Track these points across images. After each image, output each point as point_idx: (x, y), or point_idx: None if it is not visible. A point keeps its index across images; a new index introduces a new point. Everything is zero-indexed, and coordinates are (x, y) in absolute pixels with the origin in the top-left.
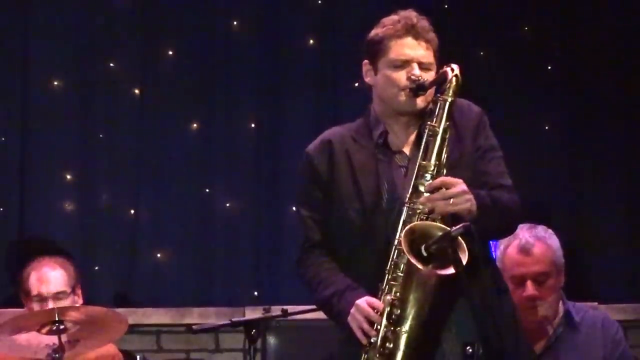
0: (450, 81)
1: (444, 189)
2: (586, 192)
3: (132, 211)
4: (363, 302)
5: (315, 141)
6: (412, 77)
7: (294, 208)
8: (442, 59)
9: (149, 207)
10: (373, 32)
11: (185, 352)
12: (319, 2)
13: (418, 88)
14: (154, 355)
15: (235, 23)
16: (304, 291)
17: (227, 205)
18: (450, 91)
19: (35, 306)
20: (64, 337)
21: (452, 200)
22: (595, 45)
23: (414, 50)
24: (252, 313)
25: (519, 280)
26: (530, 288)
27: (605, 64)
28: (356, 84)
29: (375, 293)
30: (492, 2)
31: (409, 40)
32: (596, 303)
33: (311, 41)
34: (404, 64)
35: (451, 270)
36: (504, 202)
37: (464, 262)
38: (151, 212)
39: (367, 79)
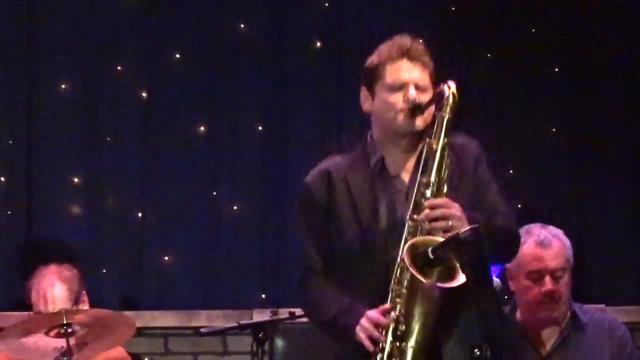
0: (447, 98)
1: (444, 209)
2: (593, 193)
3: (140, 214)
4: (372, 311)
5: (313, 171)
6: (409, 98)
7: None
8: (450, 60)
9: (156, 210)
10: (369, 60)
11: (193, 355)
12: (326, 4)
13: (415, 108)
14: (161, 358)
15: (242, 26)
16: None
17: (234, 208)
18: (448, 108)
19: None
20: (71, 340)
21: (450, 223)
22: (602, 46)
23: (410, 72)
24: (260, 315)
25: (537, 276)
26: (549, 283)
27: (613, 66)
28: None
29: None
30: (500, 4)
31: (404, 63)
32: (603, 305)
33: (318, 44)
34: (401, 86)
35: (454, 283)
36: (498, 225)
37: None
38: (158, 215)
39: (366, 106)
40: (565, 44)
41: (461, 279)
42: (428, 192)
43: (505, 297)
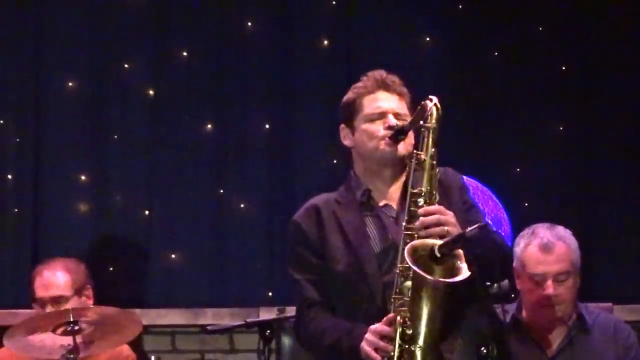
0: (431, 109)
1: (438, 215)
2: (600, 192)
3: (147, 212)
4: (376, 325)
5: (300, 210)
6: (390, 124)
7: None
8: (457, 59)
9: (163, 208)
10: (345, 98)
11: (200, 352)
12: (333, 2)
13: (398, 133)
14: (168, 356)
15: (249, 24)
16: None
17: (241, 206)
18: (433, 119)
19: (38, 310)
20: (78, 338)
21: (446, 228)
22: (609, 45)
23: (388, 102)
24: (267, 313)
25: (540, 279)
26: (550, 287)
27: (620, 64)
28: None
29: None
30: (507, 2)
31: (380, 94)
32: (610, 304)
33: (325, 42)
34: (380, 115)
35: (458, 278)
36: (496, 239)
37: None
38: (165, 213)
39: (346, 142)
40: (573, 43)
41: (465, 274)
42: (421, 201)
43: (512, 295)
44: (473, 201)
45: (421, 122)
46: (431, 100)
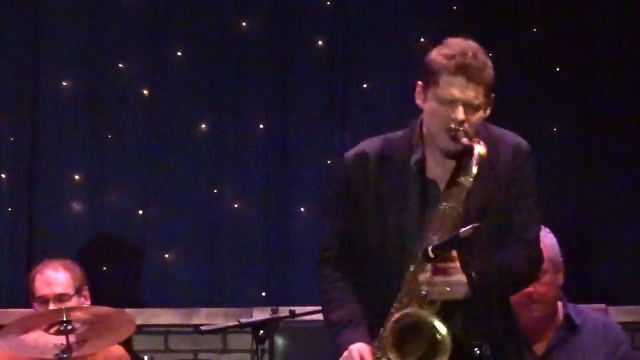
0: (472, 160)
1: (444, 277)
2: (595, 193)
3: (141, 212)
4: (356, 350)
5: (354, 149)
6: (457, 118)
7: (302, 209)
8: None
9: (157, 207)
10: (432, 56)
11: (193, 352)
12: (328, 3)
13: (457, 131)
14: (161, 356)
15: (244, 24)
16: (312, 292)
17: (236, 206)
18: (471, 171)
19: (39, 308)
20: (71, 338)
21: (449, 289)
22: (604, 46)
23: (463, 91)
24: (260, 314)
25: None
26: None
27: (615, 66)
28: (365, 85)
29: (382, 318)
30: (502, 3)
31: (459, 79)
32: (604, 305)
33: (320, 42)
34: (450, 102)
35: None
36: (514, 268)
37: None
38: (160, 212)
39: (418, 101)
40: (567, 44)
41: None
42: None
43: None
44: (526, 190)
45: (458, 174)
46: (479, 148)
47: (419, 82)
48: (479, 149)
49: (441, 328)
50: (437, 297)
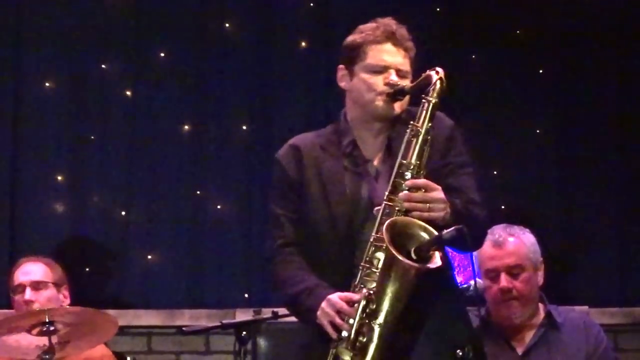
0: (435, 84)
1: (423, 191)
2: (577, 195)
3: (123, 213)
4: (335, 296)
5: (283, 147)
6: (390, 82)
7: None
8: (433, 61)
9: (140, 208)
10: (351, 38)
11: (176, 353)
12: (311, 4)
13: (397, 93)
14: (144, 357)
15: (227, 25)
16: None
17: (218, 207)
18: (435, 93)
19: (18, 298)
20: (54, 339)
21: (429, 205)
22: (588, 48)
23: (393, 56)
24: (243, 315)
25: (494, 274)
26: (504, 280)
27: (598, 68)
28: None
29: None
30: (484, 5)
31: (388, 46)
32: (586, 307)
33: (303, 43)
34: (382, 69)
35: (431, 265)
36: (475, 215)
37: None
38: (142, 213)
39: (342, 84)
40: (551, 46)
41: (437, 262)
42: (408, 174)
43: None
44: (461, 160)
45: (423, 94)
46: (437, 72)
47: (341, 66)
48: (439, 73)
49: (431, 228)
50: (417, 214)
